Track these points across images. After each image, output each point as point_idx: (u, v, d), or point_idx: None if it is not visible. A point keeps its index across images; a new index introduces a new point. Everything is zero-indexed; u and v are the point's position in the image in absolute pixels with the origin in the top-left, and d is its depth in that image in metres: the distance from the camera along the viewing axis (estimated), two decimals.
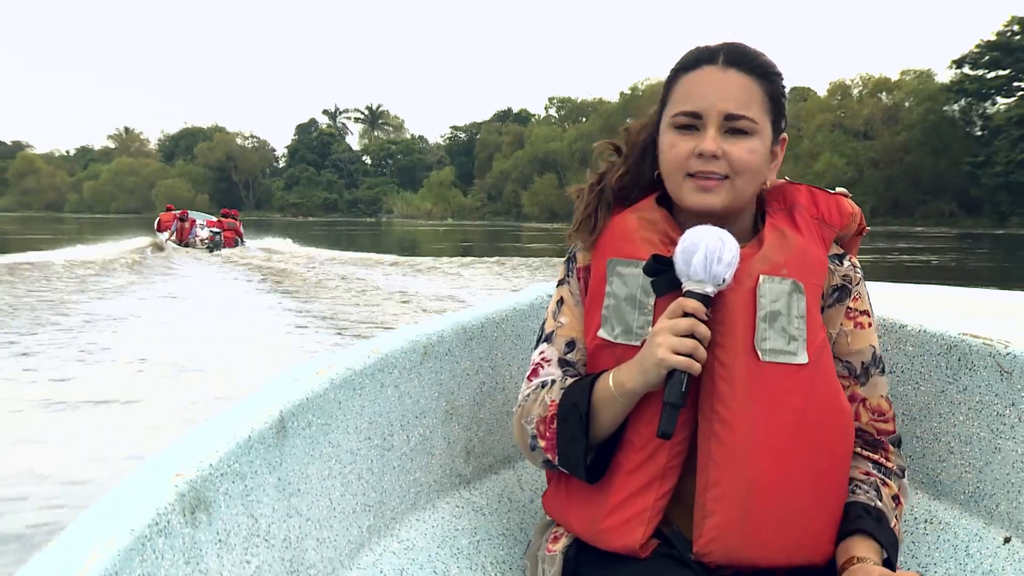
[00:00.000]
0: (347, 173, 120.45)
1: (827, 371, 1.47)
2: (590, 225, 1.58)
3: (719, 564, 1.43)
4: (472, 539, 1.79)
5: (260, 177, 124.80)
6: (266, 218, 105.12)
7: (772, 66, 1.50)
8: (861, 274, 1.58)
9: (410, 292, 15.81)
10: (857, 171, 68.26)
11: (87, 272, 19.43)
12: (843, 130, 72.44)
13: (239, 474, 1.20)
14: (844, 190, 1.63)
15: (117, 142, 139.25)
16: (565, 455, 1.47)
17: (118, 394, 7.01)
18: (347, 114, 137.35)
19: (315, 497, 1.42)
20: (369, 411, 1.59)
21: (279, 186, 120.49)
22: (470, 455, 1.89)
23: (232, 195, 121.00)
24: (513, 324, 1.97)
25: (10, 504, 4.64)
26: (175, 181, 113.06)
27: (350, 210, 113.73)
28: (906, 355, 1.86)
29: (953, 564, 1.74)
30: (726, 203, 1.46)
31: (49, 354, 8.83)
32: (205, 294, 16.12)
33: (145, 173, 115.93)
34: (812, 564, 1.44)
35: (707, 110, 1.45)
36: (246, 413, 1.29)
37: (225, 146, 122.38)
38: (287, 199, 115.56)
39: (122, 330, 10.81)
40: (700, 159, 1.44)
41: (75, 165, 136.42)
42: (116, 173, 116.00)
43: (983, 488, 1.75)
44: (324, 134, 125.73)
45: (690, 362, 1.36)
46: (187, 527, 1.06)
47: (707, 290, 1.40)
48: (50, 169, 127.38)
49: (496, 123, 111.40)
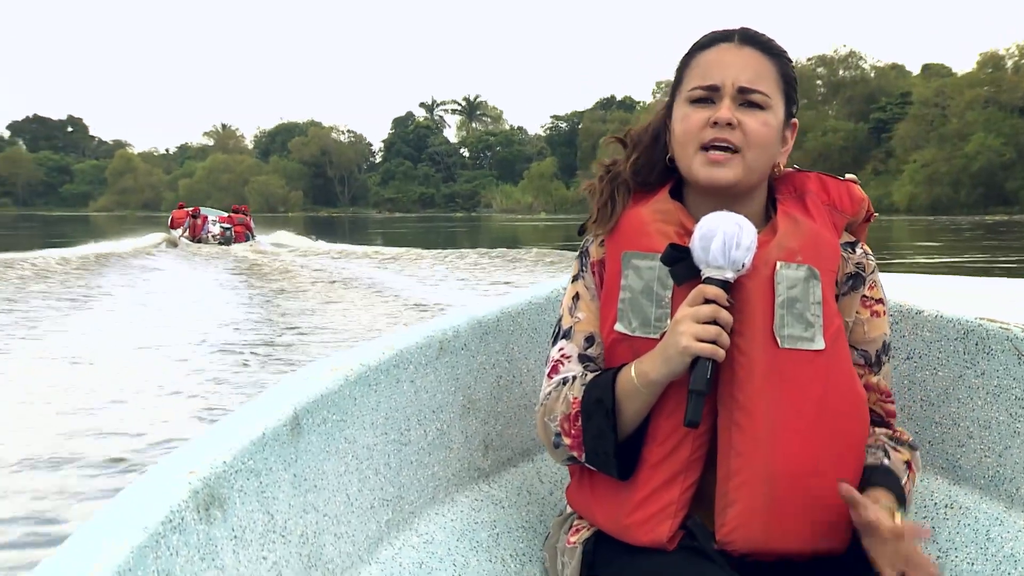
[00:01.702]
0: (444, 167, 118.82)
1: (843, 358, 1.51)
2: (607, 214, 1.60)
3: (742, 553, 1.45)
4: (491, 532, 1.83)
5: (355, 172, 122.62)
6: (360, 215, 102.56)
7: (784, 51, 1.56)
8: (874, 262, 1.61)
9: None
10: (1016, 151, 59.27)
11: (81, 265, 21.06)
12: (998, 106, 63.48)
13: (254, 471, 1.23)
14: (853, 176, 1.65)
15: (214, 139, 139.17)
16: (594, 452, 1.50)
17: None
18: (444, 106, 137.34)
19: (332, 493, 1.45)
20: (385, 407, 1.63)
21: (375, 181, 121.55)
22: (488, 448, 1.93)
23: (327, 191, 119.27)
24: (529, 318, 2.00)
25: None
26: (268, 178, 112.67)
27: (447, 205, 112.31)
28: (923, 341, 1.89)
29: (974, 548, 1.77)
30: (738, 177, 1.49)
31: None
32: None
33: (239, 170, 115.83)
34: (832, 551, 1.47)
35: (723, 82, 1.49)
36: (260, 411, 1.33)
37: (320, 141, 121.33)
38: (382, 194, 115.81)
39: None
40: (714, 128, 1.48)
41: (173, 163, 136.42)
42: (211, 170, 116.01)
43: (1003, 472, 1.79)
44: (421, 127, 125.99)
45: (714, 348, 1.39)
46: (201, 524, 1.08)
47: (727, 276, 1.42)
48: (147, 167, 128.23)
49: (599, 111, 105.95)
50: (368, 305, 13.24)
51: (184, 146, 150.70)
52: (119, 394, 7.02)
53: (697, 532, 1.47)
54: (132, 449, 5.42)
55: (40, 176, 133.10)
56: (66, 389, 7.16)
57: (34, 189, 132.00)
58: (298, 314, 12.27)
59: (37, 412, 6.44)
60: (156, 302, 14.12)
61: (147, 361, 8.53)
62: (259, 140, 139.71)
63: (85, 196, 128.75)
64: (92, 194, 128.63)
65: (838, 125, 76.96)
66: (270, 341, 9.72)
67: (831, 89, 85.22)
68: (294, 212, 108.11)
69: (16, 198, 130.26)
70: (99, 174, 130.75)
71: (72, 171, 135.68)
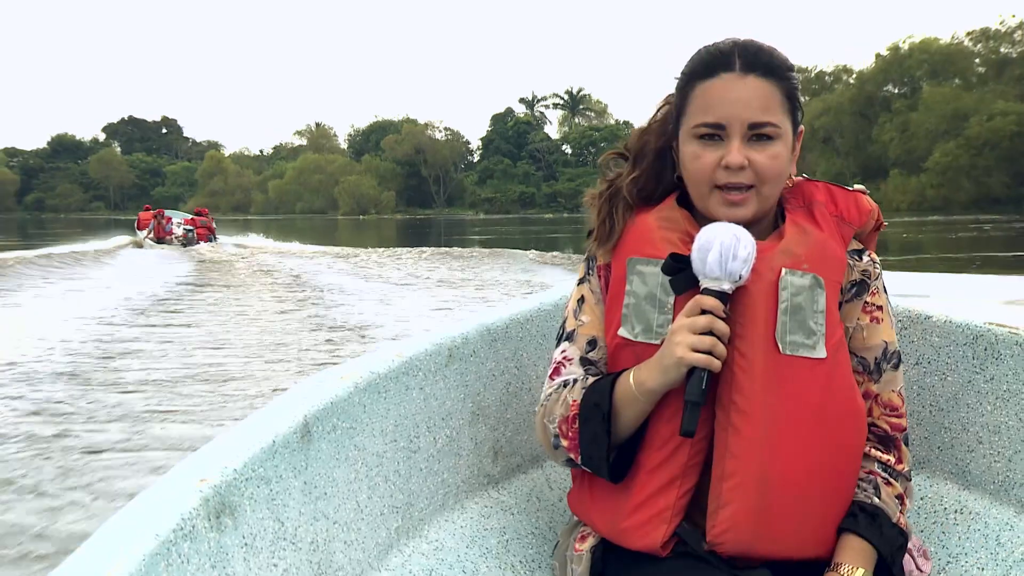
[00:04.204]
0: (545, 164, 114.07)
1: (844, 368, 1.56)
2: (606, 232, 1.67)
3: (731, 555, 1.51)
4: (501, 538, 1.88)
5: (452, 171, 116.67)
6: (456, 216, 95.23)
7: (786, 62, 1.57)
8: (880, 269, 1.66)
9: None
10: None
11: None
12: None
13: (264, 479, 1.27)
14: (862, 187, 1.69)
15: (307, 138, 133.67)
16: (588, 455, 1.57)
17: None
18: (545, 102, 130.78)
19: (342, 500, 1.49)
20: (395, 414, 1.70)
21: (472, 180, 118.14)
22: (498, 455, 1.99)
23: (421, 191, 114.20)
24: (538, 324, 2.05)
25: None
26: (359, 178, 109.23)
27: (548, 205, 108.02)
28: (932, 346, 1.92)
29: (984, 554, 1.80)
30: (755, 213, 1.55)
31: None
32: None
33: (330, 170, 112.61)
34: (821, 557, 1.52)
35: (730, 120, 1.52)
36: (270, 419, 1.37)
37: (414, 138, 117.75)
38: (480, 194, 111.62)
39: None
40: (727, 171, 1.52)
41: (266, 165, 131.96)
42: (301, 171, 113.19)
43: (1013, 477, 1.81)
44: (521, 123, 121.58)
45: (709, 359, 1.44)
46: (212, 531, 1.12)
47: (724, 287, 1.47)
48: (236, 169, 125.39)
49: None
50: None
51: (280, 146, 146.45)
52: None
53: (687, 537, 1.53)
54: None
55: (132, 179, 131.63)
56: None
57: (127, 192, 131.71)
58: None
59: None
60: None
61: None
62: (352, 139, 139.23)
63: (176, 199, 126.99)
64: (183, 196, 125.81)
65: (1008, 108, 65.45)
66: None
67: (994, 67, 73.53)
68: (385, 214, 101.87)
69: (108, 201, 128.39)
70: (190, 176, 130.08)
71: (164, 173, 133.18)
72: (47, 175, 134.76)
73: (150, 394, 7.00)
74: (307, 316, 12.01)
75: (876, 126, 76.29)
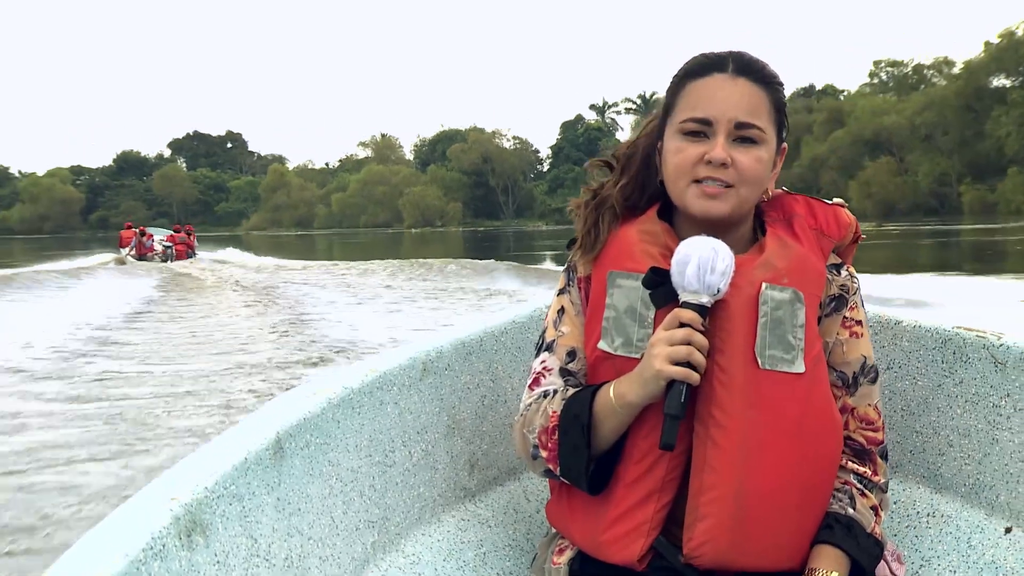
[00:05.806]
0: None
1: (822, 382, 1.59)
2: (590, 241, 1.69)
3: (708, 568, 1.55)
4: (478, 551, 1.91)
5: (520, 181, 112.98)
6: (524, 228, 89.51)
7: (777, 76, 1.62)
8: (858, 284, 1.68)
9: None
10: None
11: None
12: None
13: (236, 496, 1.27)
14: (841, 200, 1.72)
15: (372, 149, 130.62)
16: (567, 466, 1.61)
17: None
18: (616, 107, 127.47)
19: (316, 516, 1.51)
20: (369, 429, 1.72)
21: (541, 190, 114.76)
22: (474, 468, 2.01)
23: (488, 202, 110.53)
24: (513, 337, 2.08)
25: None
26: (424, 188, 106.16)
27: None
28: (902, 351, 1.95)
29: (956, 556, 1.84)
30: (731, 210, 1.57)
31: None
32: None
33: (395, 181, 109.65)
34: (797, 570, 1.55)
35: (717, 117, 1.55)
36: (242, 436, 1.39)
37: (481, 147, 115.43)
38: (549, 204, 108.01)
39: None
40: (708, 166, 1.55)
41: (330, 178, 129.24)
42: (365, 183, 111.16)
43: (983, 480, 1.84)
44: (591, 129, 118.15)
45: (688, 372, 1.47)
46: (183, 550, 1.12)
47: (703, 300, 1.50)
48: (300, 182, 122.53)
49: (800, 99, 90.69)
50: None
51: (345, 159, 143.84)
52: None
53: (664, 551, 1.57)
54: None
55: (195, 194, 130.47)
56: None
57: (190, 208, 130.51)
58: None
59: None
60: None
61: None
62: (418, 149, 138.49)
63: (239, 214, 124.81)
64: (246, 212, 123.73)
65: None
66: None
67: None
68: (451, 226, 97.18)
69: (172, 218, 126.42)
70: (253, 191, 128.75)
71: (227, 188, 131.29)
72: (112, 192, 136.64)
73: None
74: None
75: (989, 120, 69.63)
